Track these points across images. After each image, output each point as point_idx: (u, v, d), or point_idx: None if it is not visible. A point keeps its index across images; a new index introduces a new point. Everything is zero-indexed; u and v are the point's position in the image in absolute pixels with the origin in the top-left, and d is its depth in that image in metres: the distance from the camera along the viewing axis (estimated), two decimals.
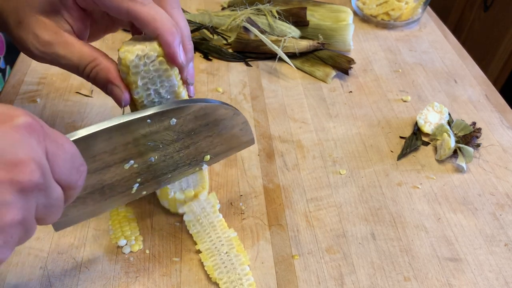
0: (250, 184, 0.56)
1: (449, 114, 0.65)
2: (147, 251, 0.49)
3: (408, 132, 0.64)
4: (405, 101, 0.69)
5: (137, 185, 0.44)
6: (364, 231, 0.51)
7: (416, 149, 0.61)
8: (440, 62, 0.77)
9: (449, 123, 0.64)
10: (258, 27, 0.74)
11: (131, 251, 0.48)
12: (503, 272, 0.48)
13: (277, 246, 0.50)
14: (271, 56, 0.74)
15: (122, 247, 0.49)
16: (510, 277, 0.48)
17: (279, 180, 0.56)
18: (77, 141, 0.35)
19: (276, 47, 0.70)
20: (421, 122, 0.63)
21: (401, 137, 0.63)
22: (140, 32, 0.45)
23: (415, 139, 0.62)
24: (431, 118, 0.63)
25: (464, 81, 0.73)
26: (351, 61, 0.71)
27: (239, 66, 0.74)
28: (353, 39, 0.77)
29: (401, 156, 0.60)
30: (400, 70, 0.75)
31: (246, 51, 0.75)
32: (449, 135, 0.59)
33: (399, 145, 0.62)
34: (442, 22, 0.87)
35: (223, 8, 0.85)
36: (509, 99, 0.72)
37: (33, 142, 0.27)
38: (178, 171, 0.47)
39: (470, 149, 0.58)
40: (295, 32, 0.76)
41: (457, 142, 0.60)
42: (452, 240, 0.51)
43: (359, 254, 0.49)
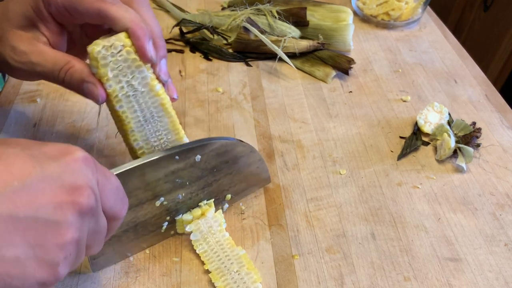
0: None
1: (449, 114, 0.65)
2: (147, 251, 0.49)
3: (408, 132, 0.64)
4: (405, 101, 0.69)
5: (166, 223, 0.48)
6: (364, 231, 0.51)
7: (416, 149, 0.61)
8: (440, 62, 0.77)
9: (449, 123, 0.64)
10: (258, 27, 0.74)
11: None
12: (503, 272, 0.48)
13: (277, 246, 0.50)
14: (271, 56, 0.73)
15: None
16: (510, 277, 0.48)
17: (279, 180, 0.56)
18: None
19: (276, 47, 0.70)
20: (421, 122, 0.63)
21: (401, 137, 0.63)
22: None
23: (415, 139, 0.62)
24: (431, 118, 0.63)
25: (464, 81, 0.73)
26: (351, 61, 0.71)
27: (239, 66, 0.74)
28: (353, 39, 0.77)
29: (401, 156, 0.60)
30: (400, 70, 0.75)
31: (246, 51, 0.75)
32: (449, 135, 0.59)
33: (399, 145, 0.62)
34: (442, 22, 0.87)
35: (223, 8, 0.85)
36: (509, 99, 0.72)
37: (89, 172, 0.30)
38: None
39: (470, 149, 0.58)
40: (295, 32, 0.76)
41: (457, 142, 0.60)
42: (452, 240, 0.51)
43: (359, 254, 0.49)
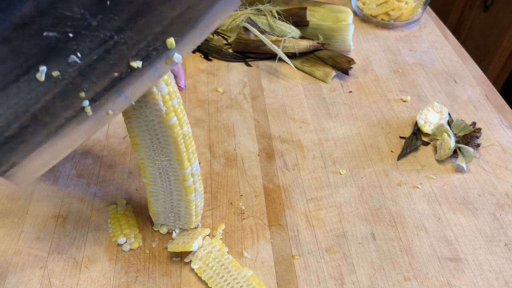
0: (250, 184, 0.56)
1: (449, 114, 0.65)
2: (147, 251, 0.49)
3: (408, 132, 0.64)
4: (405, 101, 0.69)
5: (87, 102, 0.33)
6: (364, 231, 0.51)
7: (416, 149, 0.61)
8: (440, 62, 0.77)
9: (449, 123, 0.64)
10: (258, 27, 0.74)
11: (131, 249, 0.49)
12: (503, 272, 0.48)
13: (277, 246, 0.50)
14: (271, 56, 0.74)
15: (121, 245, 0.49)
16: (510, 277, 0.48)
17: (279, 180, 0.56)
18: None
19: (276, 47, 0.70)
20: (421, 122, 0.63)
21: (401, 137, 0.63)
22: None
23: (415, 139, 0.62)
24: (431, 118, 0.63)
25: (464, 81, 0.73)
26: (351, 61, 0.71)
27: (239, 66, 0.74)
28: (353, 39, 0.77)
29: (401, 156, 0.60)
30: (400, 70, 0.75)
31: (246, 51, 0.75)
32: (449, 135, 0.59)
33: (399, 145, 0.62)
34: (442, 22, 0.87)
35: None
36: (509, 99, 0.72)
37: None
38: (137, 75, 0.33)
39: (470, 149, 0.58)
40: (295, 32, 0.76)
41: (457, 142, 0.60)
42: (452, 240, 0.51)
43: (359, 254, 0.49)
